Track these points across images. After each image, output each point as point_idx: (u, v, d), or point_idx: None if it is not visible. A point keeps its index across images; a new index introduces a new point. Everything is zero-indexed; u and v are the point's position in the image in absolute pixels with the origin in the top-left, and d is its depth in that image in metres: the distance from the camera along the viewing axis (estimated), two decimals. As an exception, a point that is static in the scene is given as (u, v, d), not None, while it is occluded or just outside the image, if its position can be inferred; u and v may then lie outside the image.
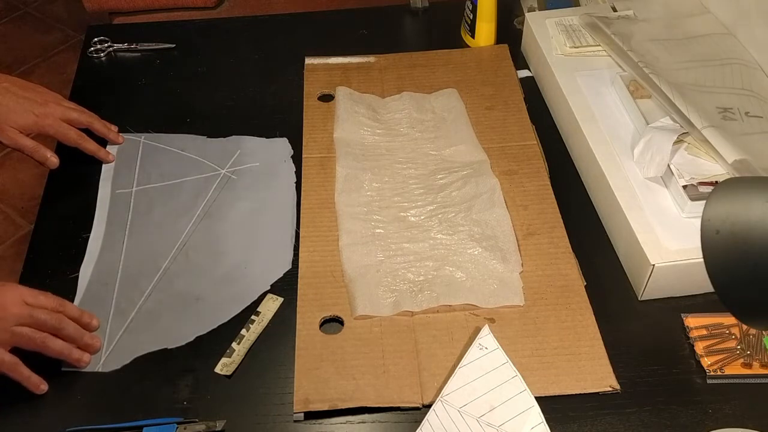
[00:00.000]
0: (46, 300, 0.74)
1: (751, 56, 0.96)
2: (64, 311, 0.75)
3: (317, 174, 0.95)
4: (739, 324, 0.76)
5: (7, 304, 0.71)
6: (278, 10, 1.60)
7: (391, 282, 0.82)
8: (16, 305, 0.71)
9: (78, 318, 0.76)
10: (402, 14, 1.24)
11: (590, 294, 0.81)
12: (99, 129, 0.98)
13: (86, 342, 0.76)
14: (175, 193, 0.94)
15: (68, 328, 0.74)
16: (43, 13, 2.55)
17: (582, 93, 0.98)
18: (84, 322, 0.77)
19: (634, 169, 0.88)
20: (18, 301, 0.72)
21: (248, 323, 0.80)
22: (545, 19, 1.10)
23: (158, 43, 1.16)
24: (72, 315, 0.76)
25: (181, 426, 0.71)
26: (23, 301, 0.72)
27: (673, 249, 0.79)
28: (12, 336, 0.71)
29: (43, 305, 0.73)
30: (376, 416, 0.73)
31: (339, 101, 1.04)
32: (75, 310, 0.77)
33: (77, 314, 0.76)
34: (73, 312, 0.76)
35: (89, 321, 0.77)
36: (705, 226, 0.55)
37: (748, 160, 0.81)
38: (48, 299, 0.74)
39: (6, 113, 0.90)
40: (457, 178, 0.93)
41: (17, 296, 0.72)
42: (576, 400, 0.73)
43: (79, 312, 0.77)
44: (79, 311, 0.77)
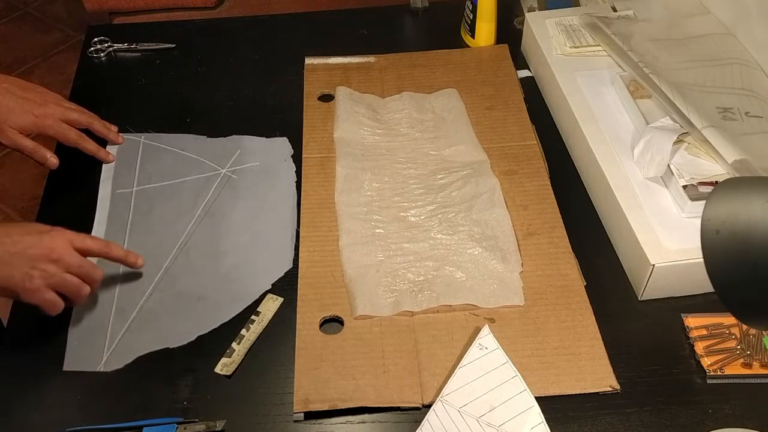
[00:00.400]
0: (92, 243, 0.80)
1: (751, 56, 0.96)
2: (109, 252, 0.81)
3: (317, 174, 0.95)
4: (739, 324, 0.76)
5: (59, 249, 0.75)
6: (278, 10, 1.60)
7: (391, 282, 0.82)
8: (67, 251, 0.76)
9: (123, 258, 0.83)
10: (402, 14, 1.24)
11: (590, 294, 0.81)
12: (99, 129, 0.98)
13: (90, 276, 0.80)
14: (175, 192, 0.94)
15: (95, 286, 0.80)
16: (43, 13, 2.55)
17: (582, 93, 0.98)
18: (129, 261, 0.84)
19: (634, 169, 0.88)
20: (68, 246, 0.76)
21: (248, 323, 0.80)
22: (545, 19, 1.10)
23: (158, 43, 1.16)
24: (117, 255, 0.82)
25: (181, 426, 0.71)
26: (73, 245, 0.77)
27: (673, 249, 0.79)
28: (62, 281, 0.76)
29: (90, 247, 0.79)
30: (376, 416, 0.73)
31: (339, 101, 1.04)
32: (120, 251, 0.83)
33: (122, 255, 0.83)
34: (118, 253, 0.82)
35: (134, 261, 0.84)
36: (705, 226, 0.55)
37: (748, 160, 0.81)
38: (94, 242, 0.80)
39: (6, 113, 0.90)
40: (457, 178, 0.93)
41: (67, 241, 0.76)
42: (576, 400, 0.73)
43: (125, 253, 0.83)
44: (124, 252, 0.83)
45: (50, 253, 0.75)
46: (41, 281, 0.74)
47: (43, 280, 0.74)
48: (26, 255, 0.74)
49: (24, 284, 0.73)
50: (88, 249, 0.79)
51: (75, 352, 0.78)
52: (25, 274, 0.73)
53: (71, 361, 0.77)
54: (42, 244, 0.75)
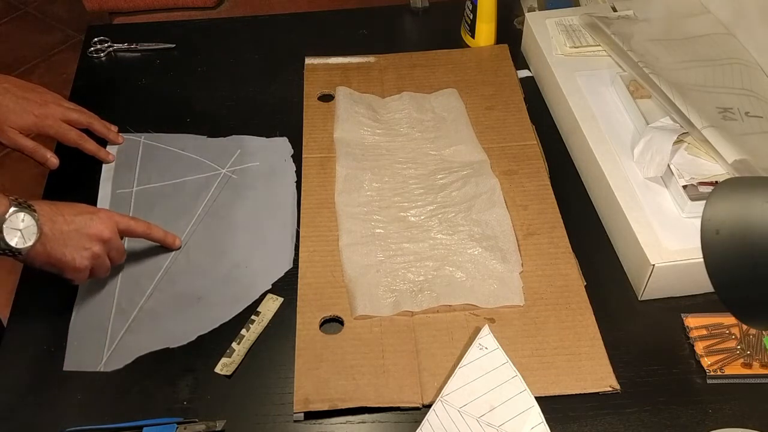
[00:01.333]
0: (136, 225, 0.84)
1: (751, 56, 0.96)
2: (151, 233, 0.85)
3: (317, 174, 0.95)
4: (739, 324, 0.76)
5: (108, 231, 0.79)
6: (278, 10, 1.60)
7: (391, 282, 0.82)
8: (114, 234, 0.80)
9: (162, 239, 0.86)
10: (402, 14, 1.24)
11: (590, 294, 0.81)
12: (99, 129, 0.98)
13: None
14: (175, 192, 0.94)
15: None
16: (43, 13, 2.55)
17: (582, 93, 0.98)
18: (168, 242, 0.87)
19: (634, 169, 0.88)
20: (115, 228, 0.80)
21: (248, 323, 0.80)
22: (545, 19, 1.10)
23: (158, 43, 1.16)
24: (156, 236, 0.86)
25: (181, 426, 0.71)
26: (117, 227, 0.81)
27: (673, 249, 0.79)
28: (99, 259, 0.79)
29: (134, 229, 0.83)
30: (376, 416, 0.73)
31: (339, 101, 1.04)
32: (159, 232, 0.86)
33: (161, 236, 0.86)
34: (157, 234, 0.86)
35: (172, 242, 0.87)
36: (705, 226, 0.55)
37: (748, 160, 0.81)
38: (138, 224, 0.84)
39: (6, 114, 0.90)
40: (457, 178, 0.93)
41: (114, 224, 0.80)
42: (576, 400, 0.73)
43: (163, 234, 0.86)
44: (162, 234, 0.86)
45: (101, 233, 0.78)
46: (89, 261, 0.78)
47: (90, 260, 0.78)
48: (78, 234, 0.77)
49: (74, 263, 0.76)
50: (133, 230, 0.83)
51: (75, 352, 0.78)
52: (77, 252, 0.76)
53: (71, 361, 0.77)
54: (93, 224, 0.78)
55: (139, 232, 0.84)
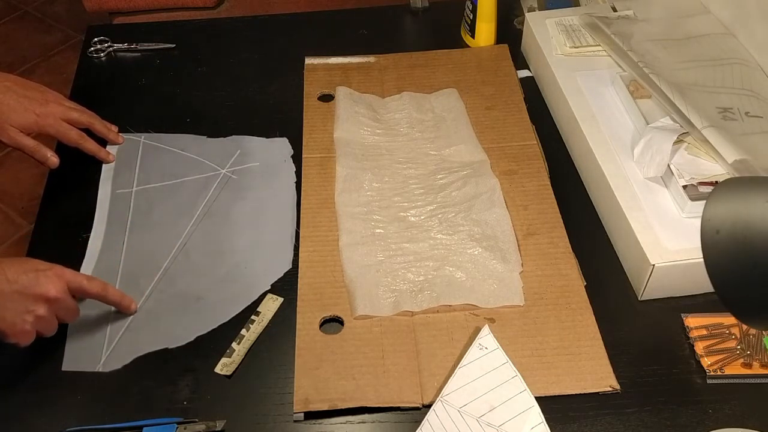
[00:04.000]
0: (89, 284, 0.76)
1: (751, 56, 0.96)
2: (106, 296, 0.78)
3: (317, 174, 0.95)
4: (739, 324, 0.76)
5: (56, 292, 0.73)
6: (278, 10, 1.60)
7: (391, 282, 0.82)
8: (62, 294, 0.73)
9: (118, 302, 0.80)
10: (402, 14, 1.24)
11: (590, 294, 0.81)
12: (99, 129, 0.98)
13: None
14: (175, 192, 0.94)
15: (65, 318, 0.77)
16: (43, 13, 2.55)
17: (582, 93, 0.98)
18: (124, 305, 0.80)
19: (634, 169, 0.88)
20: (64, 288, 0.74)
21: (248, 323, 0.80)
22: (545, 19, 1.10)
23: (158, 43, 1.16)
24: (113, 299, 0.79)
25: (181, 426, 0.71)
26: (68, 287, 0.74)
27: (673, 249, 0.79)
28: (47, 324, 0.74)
29: (86, 289, 0.76)
30: (376, 416, 0.73)
31: (339, 101, 1.04)
32: (116, 294, 0.80)
33: (117, 299, 0.80)
34: (114, 297, 0.79)
35: (128, 305, 0.81)
36: (705, 226, 0.55)
37: (748, 160, 0.81)
38: (91, 284, 0.77)
39: (7, 112, 0.90)
40: (457, 178, 0.93)
41: (63, 284, 0.74)
42: (576, 400, 0.73)
43: (120, 296, 0.80)
44: (119, 296, 0.80)
45: (46, 293, 0.72)
46: (31, 325, 0.72)
47: (33, 324, 0.72)
48: (21, 295, 0.71)
49: (15, 326, 0.71)
50: (86, 290, 0.76)
51: (74, 352, 0.78)
52: (18, 316, 0.71)
53: (70, 361, 0.77)
54: (38, 283, 0.72)
55: (92, 293, 0.77)
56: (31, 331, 0.72)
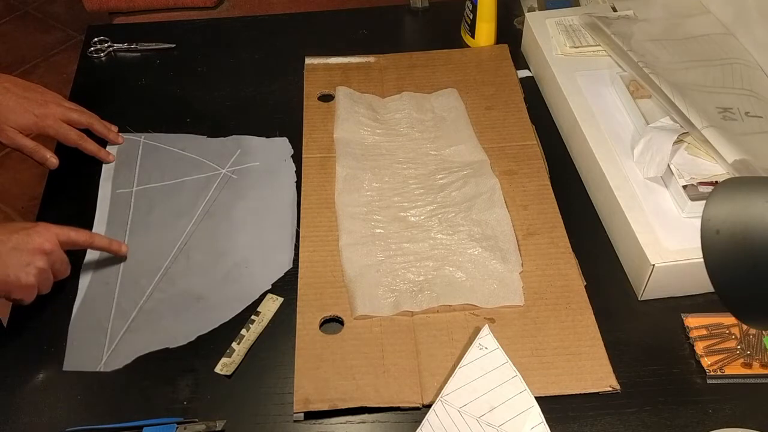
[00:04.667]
0: (76, 235, 0.81)
1: (751, 56, 0.96)
2: (93, 243, 0.83)
3: (317, 174, 0.95)
4: (739, 324, 0.76)
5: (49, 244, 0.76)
6: (278, 10, 1.60)
7: (391, 282, 0.82)
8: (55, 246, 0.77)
9: (107, 247, 0.85)
10: (402, 14, 1.24)
11: (590, 294, 0.81)
12: (99, 129, 0.98)
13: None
14: (175, 192, 0.94)
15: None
16: (43, 13, 2.55)
17: (582, 93, 0.98)
18: (113, 249, 0.85)
19: (634, 169, 0.88)
20: (55, 240, 0.77)
21: (248, 323, 0.80)
22: (545, 19, 1.10)
23: (158, 43, 1.16)
24: (100, 245, 0.84)
25: (181, 426, 0.71)
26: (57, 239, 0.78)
27: (673, 249, 0.79)
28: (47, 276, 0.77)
29: (75, 240, 0.80)
30: (376, 416, 0.73)
31: (339, 101, 1.04)
32: (103, 240, 0.84)
33: (105, 244, 0.84)
34: (101, 243, 0.84)
35: (117, 249, 0.86)
36: (705, 226, 0.55)
37: (748, 160, 0.81)
38: (78, 234, 0.81)
39: (6, 113, 0.90)
40: (457, 178, 0.93)
41: (53, 236, 0.77)
42: (576, 400, 0.73)
43: (107, 242, 0.85)
44: (107, 241, 0.85)
45: (42, 246, 0.75)
46: (35, 278, 0.75)
47: (36, 276, 0.75)
48: (18, 251, 0.74)
49: (19, 281, 0.74)
50: (74, 241, 0.80)
51: (75, 352, 0.78)
52: (21, 270, 0.74)
53: (71, 361, 0.77)
54: (32, 239, 0.75)
55: (80, 242, 0.81)
56: (35, 284, 0.75)
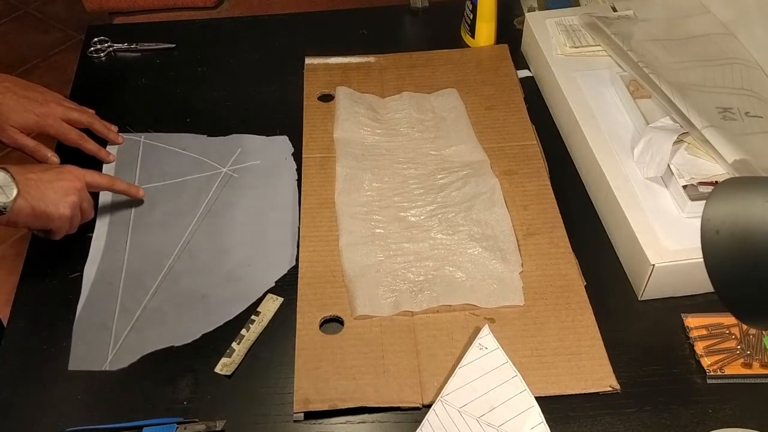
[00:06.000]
0: (101, 178, 0.88)
1: (751, 56, 0.96)
2: (114, 185, 0.89)
3: (317, 174, 0.95)
4: (739, 324, 0.76)
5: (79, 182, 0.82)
6: (278, 10, 1.60)
7: (391, 282, 0.82)
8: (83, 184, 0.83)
9: (127, 190, 0.91)
10: (402, 14, 1.24)
11: (590, 294, 0.81)
12: (99, 129, 0.98)
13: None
14: (176, 192, 0.94)
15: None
16: (43, 13, 2.55)
17: (582, 93, 0.98)
18: (132, 193, 0.91)
19: (634, 169, 0.88)
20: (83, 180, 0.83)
21: (248, 323, 0.80)
22: (545, 19, 1.10)
23: (158, 43, 1.16)
24: (119, 188, 0.90)
25: (181, 426, 0.71)
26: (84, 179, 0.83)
27: (673, 249, 0.79)
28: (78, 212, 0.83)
29: (99, 183, 0.87)
30: (376, 416, 0.73)
31: (339, 101, 1.04)
32: (123, 184, 0.90)
33: (125, 188, 0.91)
34: (122, 186, 0.90)
35: (136, 193, 0.92)
36: (705, 226, 0.55)
37: (748, 160, 0.81)
38: (102, 178, 0.88)
39: (7, 112, 0.90)
40: (457, 178, 0.93)
41: (81, 176, 0.83)
42: (576, 400, 0.73)
43: (128, 186, 0.91)
44: (127, 186, 0.91)
45: (73, 183, 0.81)
46: (70, 210, 0.80)
47: (71, 209, 0.81)
48: (53, 186, 0.80)
49: (58, 211, 0.79)
50: (98, 183, 0.87)
51: (80, 351, 0.78)
52: (60, 202, 0.79)
53: (76, 360, 0.77)
54: (63, 176, 0.81)
55: (104, 184, 0.88)
56: (69, 216, 0.81)
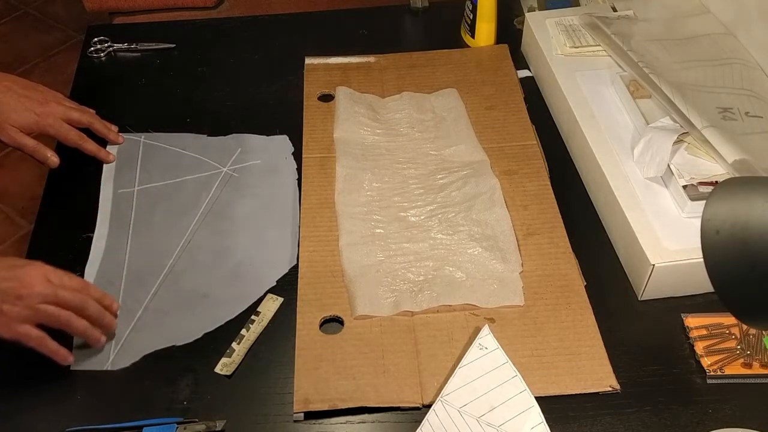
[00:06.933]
0: (69, 280, 0.75)
1: (751, 56, 0.96)
2: (88, 291, 0.77)
3: (317, 174, 0.95)
4: (739, 324, 0.76)
5: (33, 282, 0.72)
6: (278, 10, 1.60)
7: (391, 282, 0.82)
8: (41, 283, 0.72)
9: (100, 299, 0.78)
10: (402, 14, 1.24)
11: (590, 294, 0.81)
12: (99, 129, 0.98)
13: (106, 322, 0.77)
14: (177, 192, 0.94)
15: (91, 308, 0.76)
16: (43, 13, 2.55)
17: (582, 93, 0.98)
18: (105, 303, 0.78)
19: (634, 169, 0.88)
20: (43, 279, 0.73)
21: (248, 323, 0.80)
22: (545, 19, 1.10)
23: (158, 43, 1.16)
24: (94, 296, 0.77)
25: (181, 426, 0.71)
26: (48, 279, 0.73)
27: (673, 249, 0.79)
28: (36, 313, 0.72)
29: (67, 285, 0.75)
30: (376, 416, 0.73)
31: (339, 101, 1.04)
32: (97, 291, 0.78)
33: (99, 296, 0.78)
34: (95, 293, 0.78)
35: (110, 303, 0.79)
36: (705, 226, 0.55)
37: (748, 160, 0.81)
38: (72, 280, 0.76)
39: (7, 112, 0.90)
40: (457, 178, 0.93)
41: (42, 275, 0.73)
42: (576, 400, 0.73)
43: (101, 294, 0.78)
44: (101, 293, 0.78)
45: (20, 287, 0.71)
46: (10, 316, 0.71)
47: (13, 315, 0.71)
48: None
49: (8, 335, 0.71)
50: (65, 285, 0.74)
51: (82, 351, 0.78)
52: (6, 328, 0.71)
53: (78, 360, 0.77)
54: (14, 277, 0.71)
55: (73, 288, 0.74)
56: (13, 323, 0.71)
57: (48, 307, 0.72)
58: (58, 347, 0.75)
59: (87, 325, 0.75)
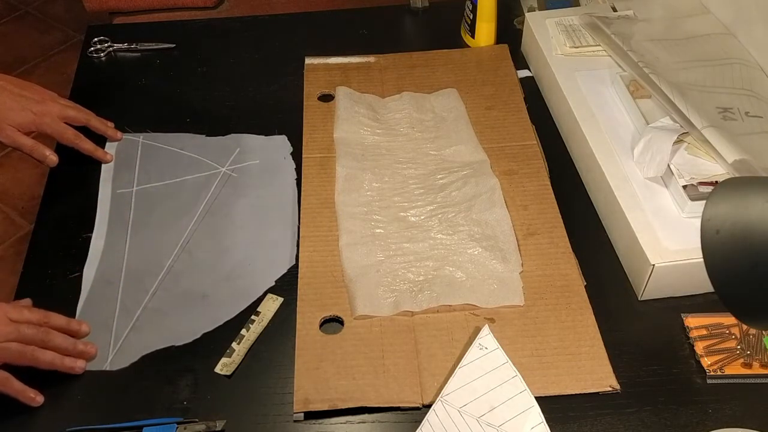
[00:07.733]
0: (30, 314, 0.74)
1: (751, 56, 0.96)
2: (50, 322, 0.75)
3: (317, 174, 0.95)
4: (739, 324, 0.76)
5: None
6: (278, 10, 1.60)
7: (391, 282, 0.82)
8: (2, 323, 0.71)
9: (66, 327, 0.76)
10: (402, 14, 1.24)
11: (590, 294, 0.81)
12: (96, 126, 0.98)
13: (79, 349, 0.76)
14: (176, 192, 0.94)
15: (56, 339, 0.74)
16: (43, 13, 2.55)
17: (582, 93, 0.98)
18: (72, 329, 0.76)
19: (634, 169, 0.88)
20: (3, 319, 0.71)
21: (248, 323, 0.80)
22: (545, 19, 1.10)
23: (158, 43, 1.16)
24: (58, 325, 0.75)
25: (181, 426, 0.71)
26: (7, 318, 0.72)
27: (673, 249, 0.79)
28: (0, 352, 0.71)
29: (28, 320, 0.73)
30: (376, 416, 0.73)
31: (339, 101, 1.04)
32: (61, 319, 0.76)
33: (64, 323, 0.76)
34: (59, 322, 0.76)
35: (78, 328, 0.77)
36: (705, 226, 0.55)
37: (748, 160, 0.81)
38: (32, 313, 0.74)
39: (5, 111, 0.90)
40: (457, 178, 0.93)
41: (2, 315, 0.71)
42: (576, 400, 0.73)
43: (66, 321, 0.76)
44: (65, 320, 0.76)
45: None
46: None
47: None
48: None
49: None
50: (26, 320, 0.73)
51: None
52: None
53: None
54: None
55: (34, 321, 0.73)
56: None
57: (11, 345, 0.71)
58: (24, 387, 0.72)
59: (54, 356, 0.74)
